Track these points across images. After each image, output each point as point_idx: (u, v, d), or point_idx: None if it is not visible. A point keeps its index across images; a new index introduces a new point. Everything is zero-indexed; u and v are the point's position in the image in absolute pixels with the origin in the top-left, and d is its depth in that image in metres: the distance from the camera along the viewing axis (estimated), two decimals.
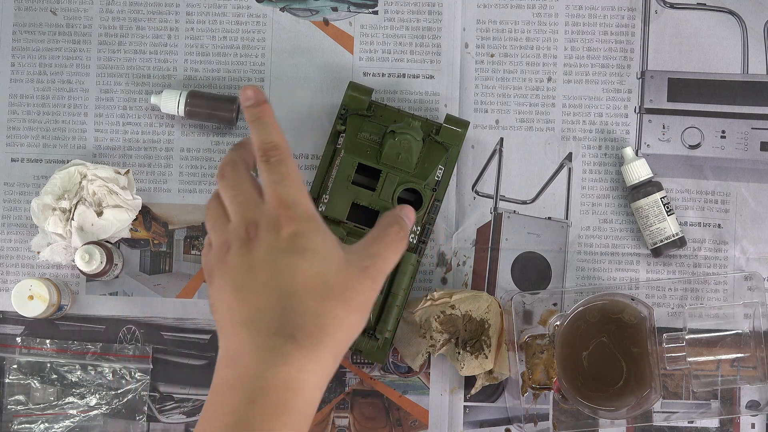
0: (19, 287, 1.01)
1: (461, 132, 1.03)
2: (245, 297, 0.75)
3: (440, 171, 1.03)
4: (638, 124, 1.08)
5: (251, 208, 0.77)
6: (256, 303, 0.74)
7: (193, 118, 1.06)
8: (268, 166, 0.77)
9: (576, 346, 1.01)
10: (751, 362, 1.02)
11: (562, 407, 1.05)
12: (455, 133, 1.03)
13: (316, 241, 0.77)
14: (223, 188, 0.79)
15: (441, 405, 1.06)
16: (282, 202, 0.77)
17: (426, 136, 1.03)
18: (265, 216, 0.76)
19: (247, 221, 0.76)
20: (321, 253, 0.77)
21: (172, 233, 1.08)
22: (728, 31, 1.09)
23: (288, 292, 0.74)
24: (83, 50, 1.09)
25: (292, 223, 0.76)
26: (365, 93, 1.03)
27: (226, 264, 0.76)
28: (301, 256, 0.75)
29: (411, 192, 1.02)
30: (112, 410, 1.06)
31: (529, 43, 1.09)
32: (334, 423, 1.06)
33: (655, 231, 1.04)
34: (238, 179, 0.80)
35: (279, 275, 0.75)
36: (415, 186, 1.01)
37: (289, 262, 0.75)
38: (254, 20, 1.09)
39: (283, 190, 0.77)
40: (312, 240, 0.77)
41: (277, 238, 0.75)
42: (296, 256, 0.75)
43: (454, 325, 1.03)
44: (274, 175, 0.77)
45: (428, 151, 1.03)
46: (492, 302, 1.03)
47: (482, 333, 1.03)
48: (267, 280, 0.74)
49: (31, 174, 1.08)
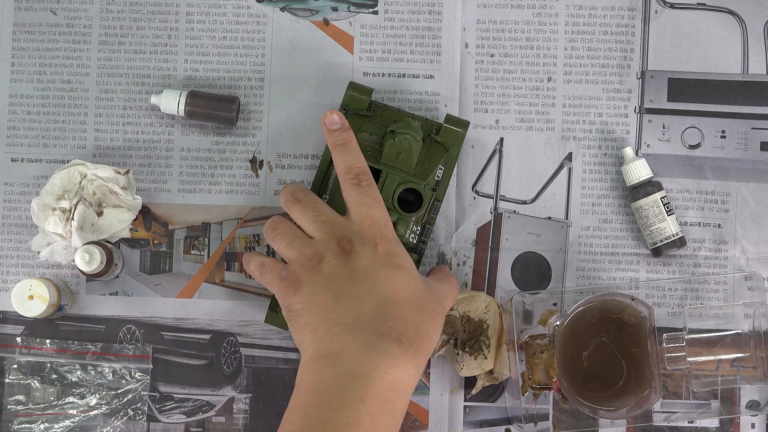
0: (19, 287, 1.01)
1: (461, 132, 1.03)
2: (347, 302, 0.81)
3: (440, 171, 1.03)
4: (638, 124, 1.08)
5: (339, 227, 0.87)
6: (359, 307, 0.81)
7: (193, 118, 1.06)
8: (360, 189, 0.88)
9: (576, 346, 1.01)
10: (751, 362, 1.02)
11: (562, 407, 1.05)
12: (455, 133, 1.03)
13: (407, 262, 0.87)
14: (301, 210, 0.89)
15: (441, 405, 1.06)
16: (375, 223, 0.87)
17: (426, 136, 1.03)
18: (358, 234, 0.86)
19: (338, 237, 0.85)
20: (412, 272, 0.86)
21: (172, 233, 1.08)
22: (728, 31, 1.09)
23: (390, 301, 0.81)
24: (83, 50, 1.09)
25: (386, 242, 0.86)
26: (365, 93, 1.03)
27: (321, 272, 0.84)
28: (398, 271, 0.83)
29: (411, 192, 1.02)
30: (112, 410, 1.06)
31: (529, 43, 1.09)
32: None
33: (655, 231, 1.04)
34: (316, 201, 0.89)
35: (380, 285, 0.82)
36: (415, 186, 1.01)
37: (388, 275, 0.82)
38: (254, 20, 1.09)
39: (375, 213, 0.88)
40: (404, 260, 0.87)
41: (375, 253, 0.85)
42: (394, 270, 0.83)
43: (452, 326, 1.03)
44: (366, 198, 0.88)
45: (428, 151, 1.03)
46: (490, 302, 1.03)
47: (481, 333, 1.02)
48: (368, 289, 0.82)
49: (31, 174, 1.08)
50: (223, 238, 1.07)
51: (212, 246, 1.07)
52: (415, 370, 0.82)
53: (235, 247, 1.07)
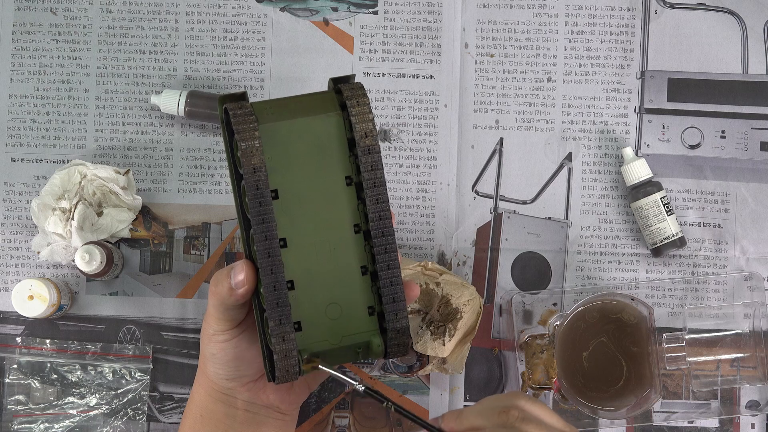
0: (19, 287, 1.01)
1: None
2: None
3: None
4: (638, 124, 1.08)
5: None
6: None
7: (193, 118, 1.06)
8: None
9: (576, 346, 1.01)
10: (751, 362, 1.03)
11: (562, 407, 1.05)
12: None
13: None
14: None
15: (441, 405, 1.06)
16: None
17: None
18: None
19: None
20: None
21: (172, 233, 1.08)
22: (728, 31, 1.09)
23: None
24: (83, 50, 1.09)
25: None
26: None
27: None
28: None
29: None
30: (112, 410, 1.06)
31: (529, 43, 1.09)
32: (334, 423, 1.06)
33: (655, 231, 1.04)
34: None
35: None
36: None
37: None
38: (254, 20, 1.09)
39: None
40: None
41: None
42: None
43: (429, 301, 1.02)
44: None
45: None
46: (475, 299, 1.02)
47: (451, 321, 1.01)
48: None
49: (31, 174, 1.08)
50: (223, 238, 1.07)
51: (212, 246, 1.07)
52: None
53: (235, 247, 1.07)
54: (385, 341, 0.81)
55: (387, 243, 0.80)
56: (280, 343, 0.78)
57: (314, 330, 0.80)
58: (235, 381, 0.86)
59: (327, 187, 0.80)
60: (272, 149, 0.79)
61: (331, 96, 0.81)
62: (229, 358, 0.84)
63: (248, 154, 0.77)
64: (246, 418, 0.88)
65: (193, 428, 0.89)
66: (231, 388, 0.86)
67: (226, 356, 0.84)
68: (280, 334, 0.78)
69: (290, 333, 0.78)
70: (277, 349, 0.78)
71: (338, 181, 0.81)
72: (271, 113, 0.80)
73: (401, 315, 0.80)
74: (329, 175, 0.81)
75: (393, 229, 0.80)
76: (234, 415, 0.88)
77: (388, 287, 0.80)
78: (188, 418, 0.89)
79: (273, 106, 0.81)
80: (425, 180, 1.08)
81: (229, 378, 0.86)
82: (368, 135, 0.80)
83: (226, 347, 0.83)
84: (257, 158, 0.77)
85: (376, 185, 0.80)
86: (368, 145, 0.79)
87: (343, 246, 0.81)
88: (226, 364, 0.84)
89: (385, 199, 0.80)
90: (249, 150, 0.77)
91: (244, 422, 0.88)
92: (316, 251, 0.80)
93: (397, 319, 0.80)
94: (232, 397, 0.87)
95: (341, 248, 0.81)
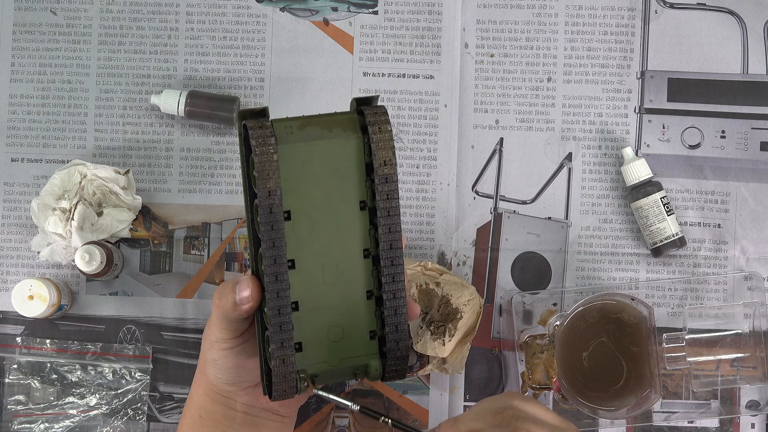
0: (19, 287, 1.01)
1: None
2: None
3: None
4: (638, 124, 1.08)
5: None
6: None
7: (193, 118, 1.06)
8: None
9: (576, 346, 1.01)
10: (751, 362, 1.03)
11: (562, 407, 1.05)
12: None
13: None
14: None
15: (441, 405, 1.06)
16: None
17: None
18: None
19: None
20: None
21: (172, 233, 1.08)
22: (728, 31, 1.09)
23: None
24: (83, 50, 1.09)
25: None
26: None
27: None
28: None
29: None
30: (112, 410, 1.06)
31: (528, 43, 1.09)
32: (334, 423, 1.06)
33: (655, 231, 1.04)
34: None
35: None
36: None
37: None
38: (254, 20, 1.09)
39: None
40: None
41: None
42: None
43: (429, 301, 1.02)
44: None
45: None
46: (475, 299, 1.03)
47: (451, 321, 1.02)
48: None
49: (31, 174, 1.08)
50: (223, 238, 1.07)
51: (212, 246, 1.07)
52: None
53: (235, 247, 1.07)
54: (383, 366, 0.81)
55: (395, 273, 0.79)
56: (280, 366, 0.77)
57: (314, 351, 0.80)
58: (234, 386, 0.86)
59: (340, 210, 0.79)
60: (289, 170, 0.78)
61: (353, 119, 0.80)
62: (230, 366, 0.84)
63: (264, 177, 0.76)
64: (245, 420, 0.88)
65: (191, 429, 0.89)
66: (230, 391, 0.87)
67: (227, 363, 0.84)
68: (280, 357, 0.77)
69: (291, 356, 0.78)
70: (276, 372, 0.77)
71: (352, 205, 0.80)
72: (291, 134, 0.78)
73: (403, 344, 0.80)
74: (343, 198, 0.79)
75: (403, 260, 0.79)
76: (233, 416, 0.88)
77: (392, 316, 0.80)
78: (187, 418, 0.90)
79: (293, 125, 0.79)
80: (425, 180, 1.08)
81: (228, 383, 0.86)
82: (387, 164, 0.78)
83: (228, 355, 0.84)
84: (273, 182, 0.76)
85: (390, 215, 0.79)
86: (386, 174, 0.78)
87: (351, 269, 0.80)
88: (226, 370, 0.85)
89: (398, 229, 0.79)
90: (266, 173, 0.76)
91: (242, 424, 0.88)
92: (323, 273, 0.80)
93: (398, 347, 0.80)
94: (231, 399, 0.87)
95: (349, 271, 0.80)
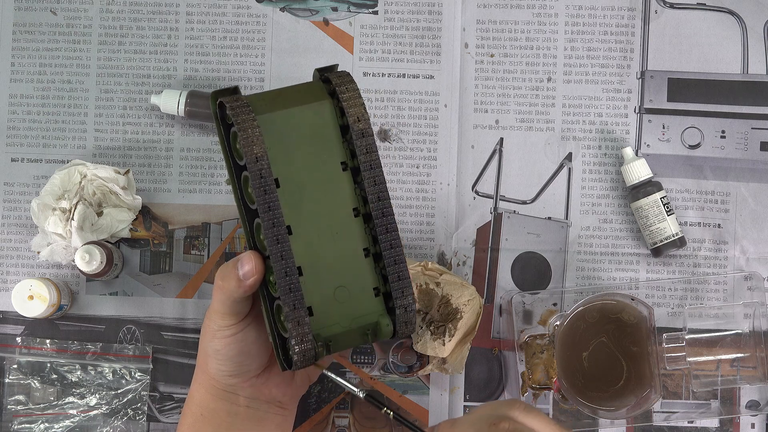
0: (19, 287, 1.01)
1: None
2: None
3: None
4: (638, 124, 1.08)
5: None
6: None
7: (193, 118, 1.06)
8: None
9: (576, 346, 1.01)
10: (751, 362, 1.03)
11: (562, 407, 1.05)
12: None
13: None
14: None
15: (441, 405, 1.06)
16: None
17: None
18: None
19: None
20: None
21: (172, 233, 1.08)
22: (728, 31, 1.09)
23: None
24: (83, 50, 1.09)
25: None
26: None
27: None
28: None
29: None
30: (112, 410, 1.06)
31: (528, 43, 1.09)
32: (334, 423, 1.06)
33: (655, 231, 1.04)
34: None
35: None
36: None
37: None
38: (254, 20, 1.09)
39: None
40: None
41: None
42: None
43: (429, 301, 1.02)
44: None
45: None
46: (475, 299, 1.02)
47: (451, 321, 1.02)
48: None
49: (31, 174, 1.08)
50: (223, 238, 1.07)
51: (212, 246, 1.07)
52: None
53: (235, 247, 1.07)
54: (393, 321, 0.82)
55: (388, 223, 0.81)
56: (296, 328, 0.79)
57: (325, 314, 0.81)
58: (238, 377, 0.86)
59: (325, 174, 0.82)
60: (270, 139, 0.80)
61: (319, 85, 0.83)
62: (234, 354, 0.84)
63: (249, 143, 0.78)
64: (248, 415, 0.88)
65: (193, 427, 0.89)
66: (233, 384, 0.87)
67: (231, 351, 0.84)
68: (295, 319, 0.79)
69: (305, 317, 0.79)
70: (293, 334, 0.78)
71: (335, 167, 0.82)
72: (265, 104, 0.81)
73: (407, 292, 0.82)
74: (326, 162, 0.82)
75: (392, 209, 0.81)
76: (236, 412, 0.88)
77: (392, 266, 0.81)
78: (188, 417, 0.90)
79: (265, 98, 0.82)
80: (425, 180, 1.08)
81: (232, 374, 0.86)
82: (360, 119, 0.81)
83: (231, 342, 0.84)
84: (258, 147, 0.78)
85: (372, 167, 0.81)
86: (361, 128, 0.81)
87: (345, 229, 0.82)
88: (230, 360, 0.85)
89: (382, 180, 0.81)
90: (250, 139, 0.78)
91: (245, 419, 0.88)
92: (319, 237, 0.81)
93: (403, 296, 0.81)
94: (234, 394, 0.87)
95: (343, 232, 0.82)
